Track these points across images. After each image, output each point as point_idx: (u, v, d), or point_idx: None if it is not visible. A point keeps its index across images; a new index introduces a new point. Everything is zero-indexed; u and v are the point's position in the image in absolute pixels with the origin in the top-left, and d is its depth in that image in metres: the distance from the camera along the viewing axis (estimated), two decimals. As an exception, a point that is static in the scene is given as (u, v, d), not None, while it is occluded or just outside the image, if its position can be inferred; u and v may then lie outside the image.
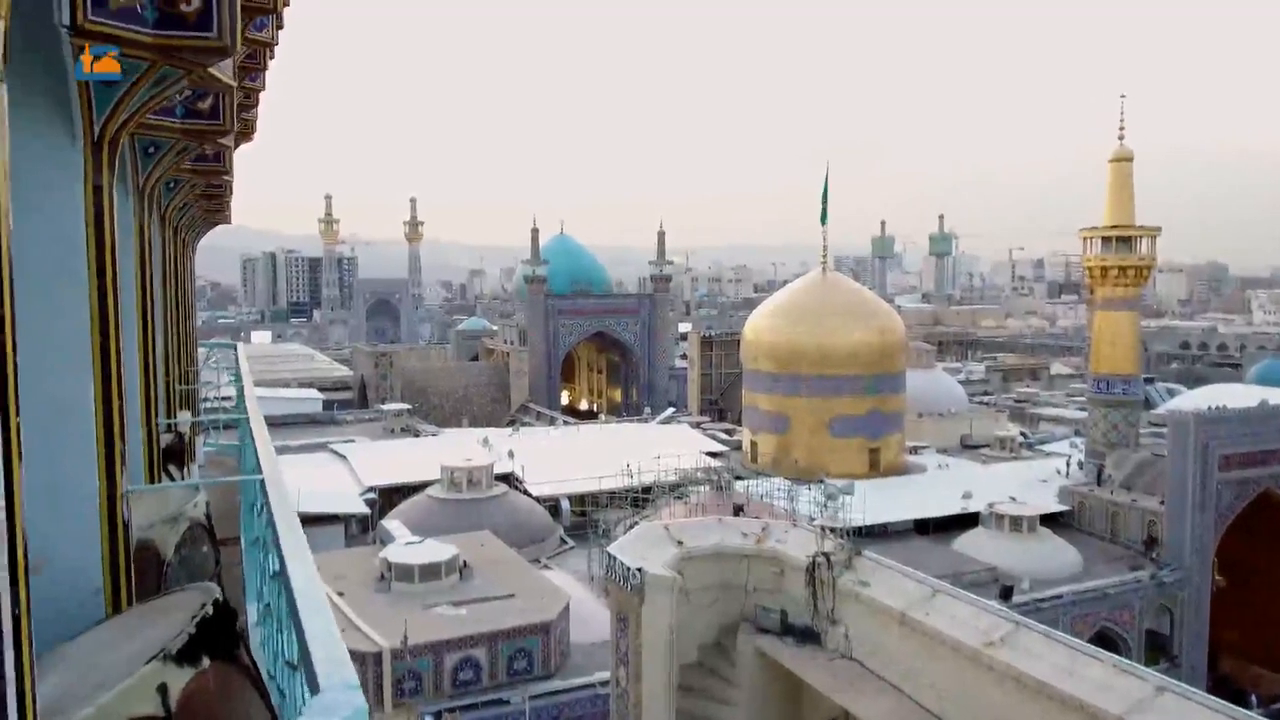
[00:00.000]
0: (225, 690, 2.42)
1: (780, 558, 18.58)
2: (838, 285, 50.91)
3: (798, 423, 46.57)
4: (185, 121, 4.17)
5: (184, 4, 2.82)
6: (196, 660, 2.35)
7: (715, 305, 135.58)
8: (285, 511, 3.00)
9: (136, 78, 2.93)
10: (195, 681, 2.33)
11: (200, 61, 3.00)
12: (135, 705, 2.17)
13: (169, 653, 2.30)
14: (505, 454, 46.98)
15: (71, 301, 3.13)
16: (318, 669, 1.73)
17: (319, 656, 1.77)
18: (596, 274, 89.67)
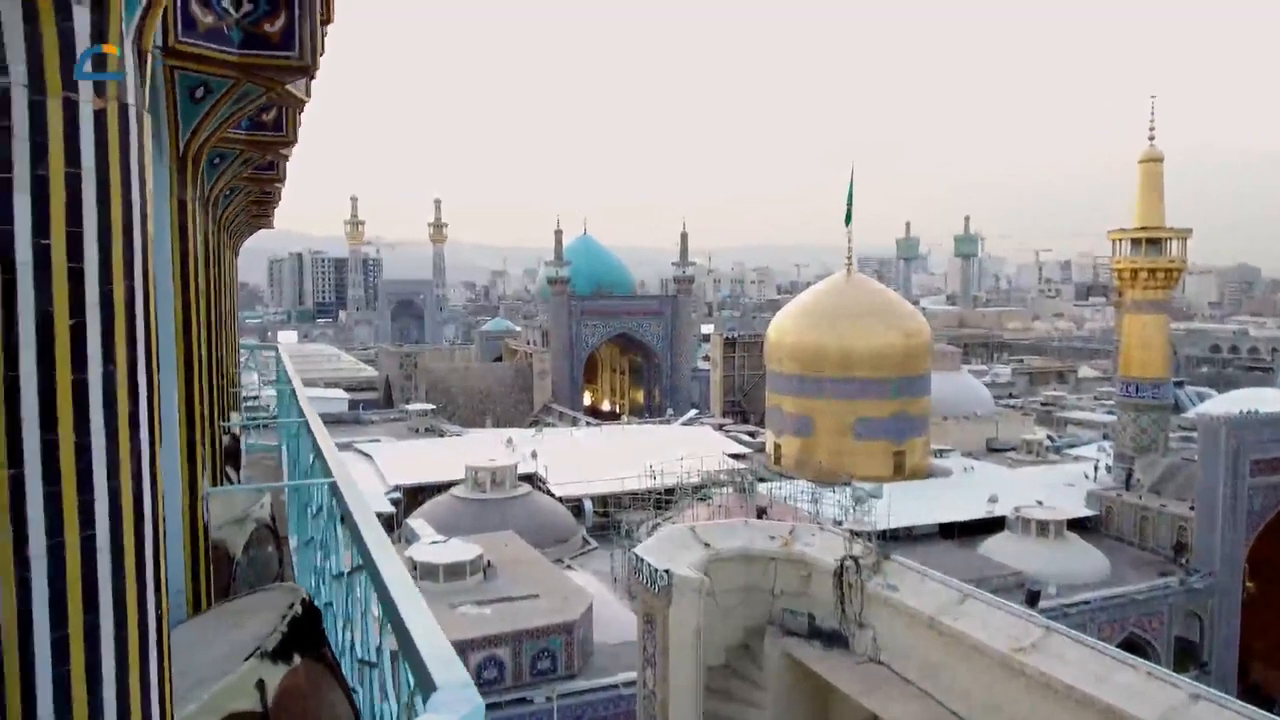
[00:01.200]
0: (314, 686, 2.52)
1: (807, 561, 18.56)
2: (862, 287, 50.68)
3: (821, 425, 46.42)
4: (250, 134, 4.30)
5: (267, 25, 2.92)
6: (289, 658, 2.45)
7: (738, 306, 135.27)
8: (364, 513, 3.10)
9: (220, 95, 3.04)
10: (289, 678, 2.43)
11: (282, 80, 3.11)
12: (236, 700, 2.27)
13: (265, 650, 2.40)
14: (528, 454, 47.16)
15: (162, 312, 3.24)
16: (430, 667, 1.81)
17: (429, 654, 1.85)
18: (619, 275, 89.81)
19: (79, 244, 1.44)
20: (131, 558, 1.53)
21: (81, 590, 1.47)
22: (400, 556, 10.92)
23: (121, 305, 1.51)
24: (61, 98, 1.42)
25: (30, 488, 1.41)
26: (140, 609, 1.55)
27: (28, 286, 1.40)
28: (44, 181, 1.41)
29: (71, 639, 1.45)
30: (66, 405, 1.44)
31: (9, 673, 1.41)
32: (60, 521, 1.44)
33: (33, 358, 1.41)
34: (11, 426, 1.40)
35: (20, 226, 1.39)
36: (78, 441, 1.45)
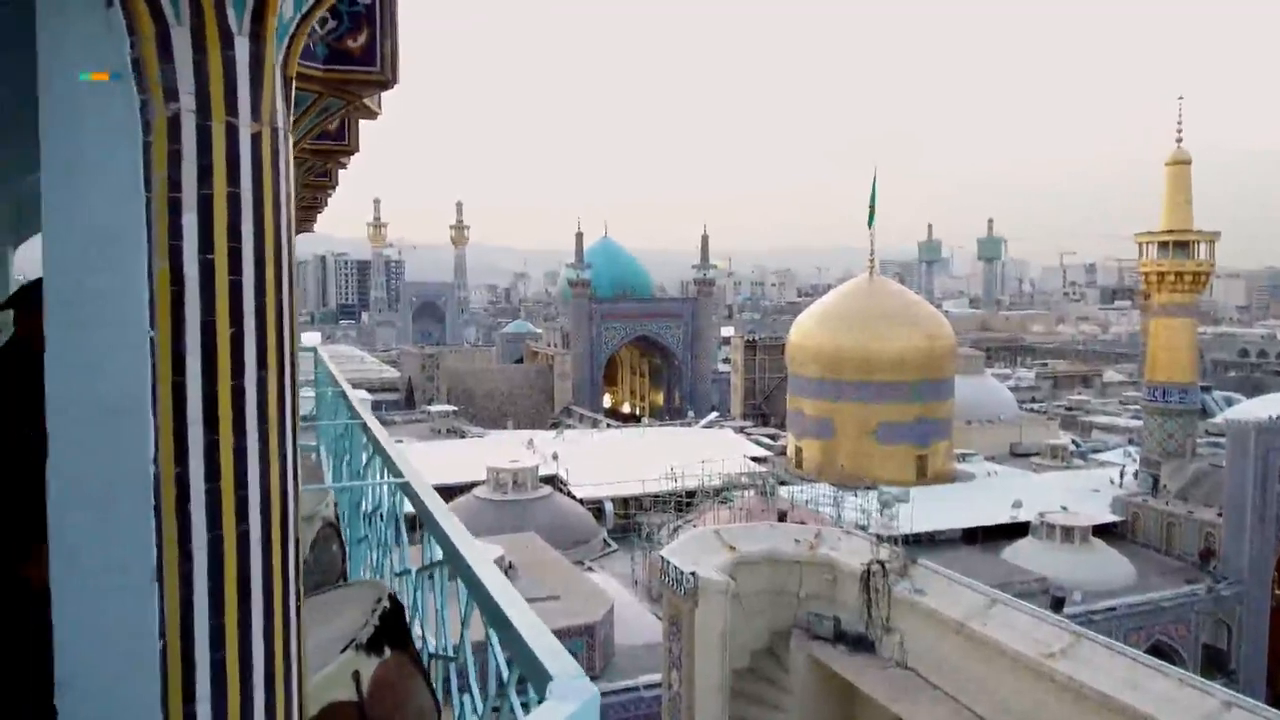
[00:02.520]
0: (402, 678, 2.63)
1: (833, 565, 18.59)
2: (885, 289, 50.54)
3: (843, 428, 46.32)
4: (315, 142, 4.43)
5: (350, 40, 3.04)
6: (380, 650, 2.56)
7: (758, 309, 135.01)
8: (443, 511, 3.21)
9: (305, 109, 3.16)
10: (381, 669, 2.53)
11: (362, 94, 3.23)
12: (334, 691, 2.37)
13: (359, 642, 2.51)
14: (549, 456, 47.32)
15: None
16: (542, 658, 1.90)
17: (538, 646, 1.94)
18: (639, 277, 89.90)
19: (238, 259, 1.55)
20: (278, 551, 1.64)
21: (236, 581, 1.57)
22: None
23: (272, 315, 1.61)
24: (224, 122, 1.53)
25: (194, 485, 1.52)
26: (284, 600, 1.66)
27: (194, 298, 1.51)
28: (209, 201, 1.52)
29: (227, 627, 1.56)
30: (226, 408, 1.55)
31: (171, 657, 1.52)
32: (219, 517, 1.55)
33: (198, 365, 1.52)
34: (178, 428, 1.51)
35: (188, 243, 1.50)
36: (235, 442, 1.56)
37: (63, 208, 1.51)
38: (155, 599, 1.50)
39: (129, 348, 1.48)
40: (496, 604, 2.24)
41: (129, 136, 1.47)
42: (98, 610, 1.53)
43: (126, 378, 1.48)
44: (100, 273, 1.49)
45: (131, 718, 1.53)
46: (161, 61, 1.47)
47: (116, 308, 1.48)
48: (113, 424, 1.50)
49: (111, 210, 1.48)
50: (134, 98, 1.47)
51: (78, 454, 1.52)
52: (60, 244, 1.52)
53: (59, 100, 1.50)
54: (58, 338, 1.53)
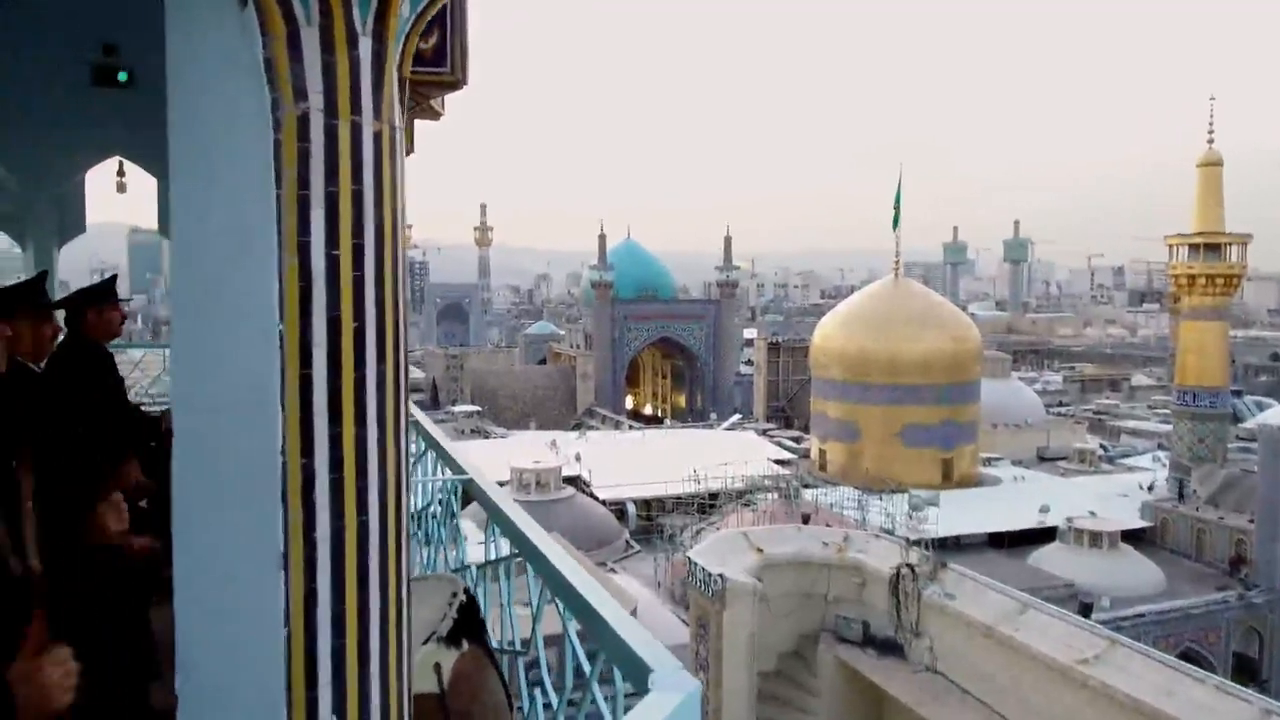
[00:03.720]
0: (479, 671, 2.66)
1: (862, 568, 18.51)
2: (910, 291, 50.26)
3: (868, 431, 46.10)
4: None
5: (422, 42, 3.07)
6: (459, 643, 2.59)
7: (781, 311, 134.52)
8: (513, 508, 3.24)
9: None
10: (459, 662, 2.56)
11: (431, 95, 3.27)
12: (418, 683, 2.40)
13: (440, 635, 2.54)
14: (572, 457, 47.40)
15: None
16: (639, 651, 1.92)
17: (635, 640, 1.96)
18: (662, 279, 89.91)
19: (361, 254, 1.58)
20: (394, 542, 1.67)
21: (356, 570, 1.60)
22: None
23: (390, 309, 1.65)
24: (350, 121, 1.56)
25: (319, 475, 1.56)
26: (398, 590, 1.69)
27: (320, 293, 1.55)
28: (334, 198, 1.55)
29: (347, 615, 1.59)
30: (349, 401, 1.58)
31: (295, 644, 1.55)
32: (341, 507, 1.58)
33: (323, 357, 1.55)
34: (304, 420, 1.54)
35: (316, 238, 1.54)
36: (357, 434, 1.59)
37: (194, 205, 1.55)
38: (281, 587, 1.53)
39: (260, 341, 1.52)
40: (584, 598, 2.26)
41: (260, 135, 1.51)
42: (223, 597, 1.56)
43: (257, 370, 1.52)
44: (232, 269, 1.53)
45: (254, 703, 1.56)
46: (292, 61, 1.51)
47: (248, 302, 1.52)
48: (243, 415, 1.53)
49: (244, 207, 1.52)
50: (265, 97, 1.51)
51: (206, 444, 1.56)
52: (191, 240, 1.56)
53: (191, 99, 1.54)
54: (187, 331, 1.57)
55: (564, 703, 2.64)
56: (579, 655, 2.37)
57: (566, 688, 2.59)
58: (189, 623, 1.60)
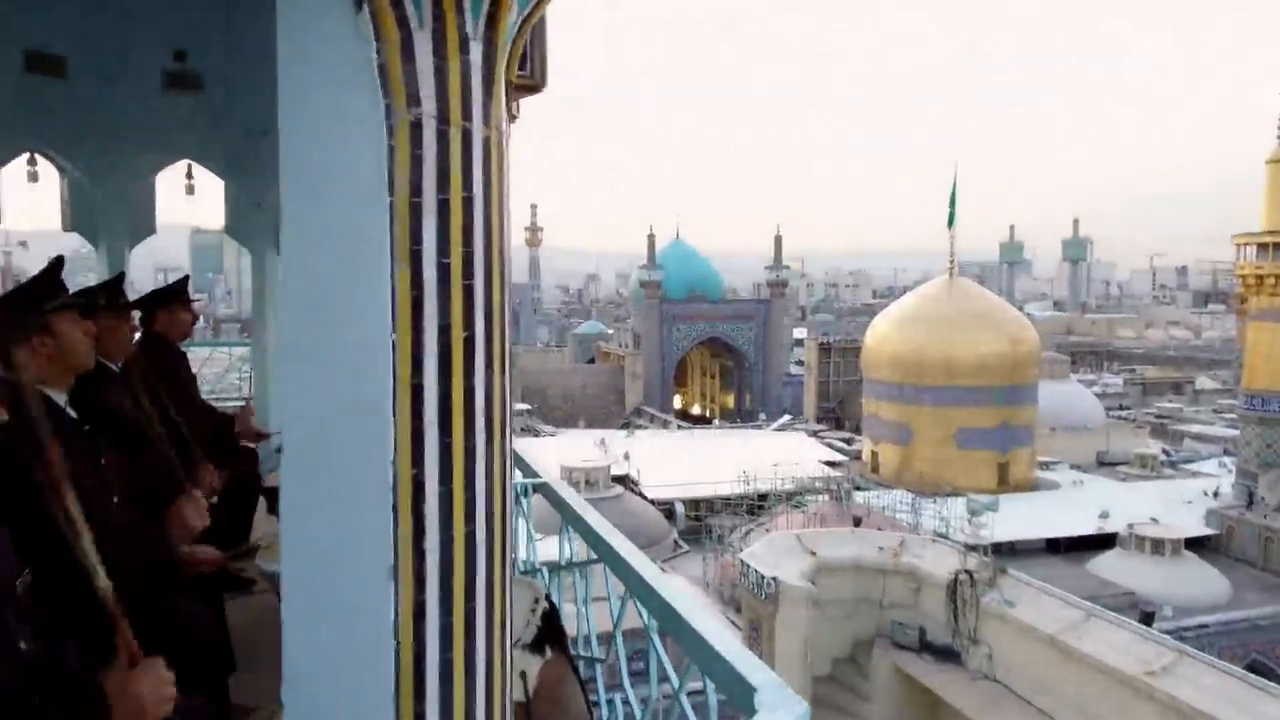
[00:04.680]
0: (561, 678, 2.64)
1: (918, 573, 18.22)
2: (966, 292, 49.40)
3: (921, 433, 45.41)
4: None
5: (504, 45, 3.07)
6: (542, 650, 2.57)
7: (832, 311, 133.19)
8: (590, 512, 3.22)
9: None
10: (544, 670, 2.55)
11: (514, 99, 3.27)
12: (505, 690, 2.39)
13: (524, 642, 2.53)
14: (621, 455, 47.44)
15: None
16: (740, 669, 1.87)
17: (735, 656, 1.92)
18: (711, 279, 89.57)
19: (471, 262, 1.56)
20: (499, 553, 1.65)
21: (464, 582, 1.58)
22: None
23: (499, 318, 1.62)
24: (461, 127, 1.54)
25: (428, 486, 1.54)
26: (502, 603, 1.67)
27: (432, 301, 1.53)
28: (446, 205, 1.53)
29: (454, 627, 1.57)
30: (459, 411, 1.56)
31: (404, 657, 1.54)
32: (450, 518, 1.56)
33: (434, 367, 1.53)
34: (415, 429, 1.53)
35: (427, 246, 1.52)
36: (465, 444, 1.57)
37: (306, 213, 1.54)
38: (391, 599, 1.52)
39: (372, 350, 1.50)
40: (674, 609, 2.22)
41: (374, 141, 1.49)
42: (332, 608, 1.55)
43: (369, 379, 1.51)
44: (344, 277, 1.52)
45: (362, 715, 1.55)
46: (405, 66, 1.49)
47: (360, 311, 1.51)
48: (355, 424, 1.52)
49: (356, 215, 1.50)
50: (379, 103, 1.49)
51: (318, 454, 1.55)
52: (303, 249, 1.55)
53: (303, 105, 1.53)
54: (298, 340, 1.57)
55: (649, 714, 2.60)
56: (665, 666, 2.32)
57: (653, 697, 2.55)
58: (297, 633, 1.59)
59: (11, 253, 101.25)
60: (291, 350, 1.57)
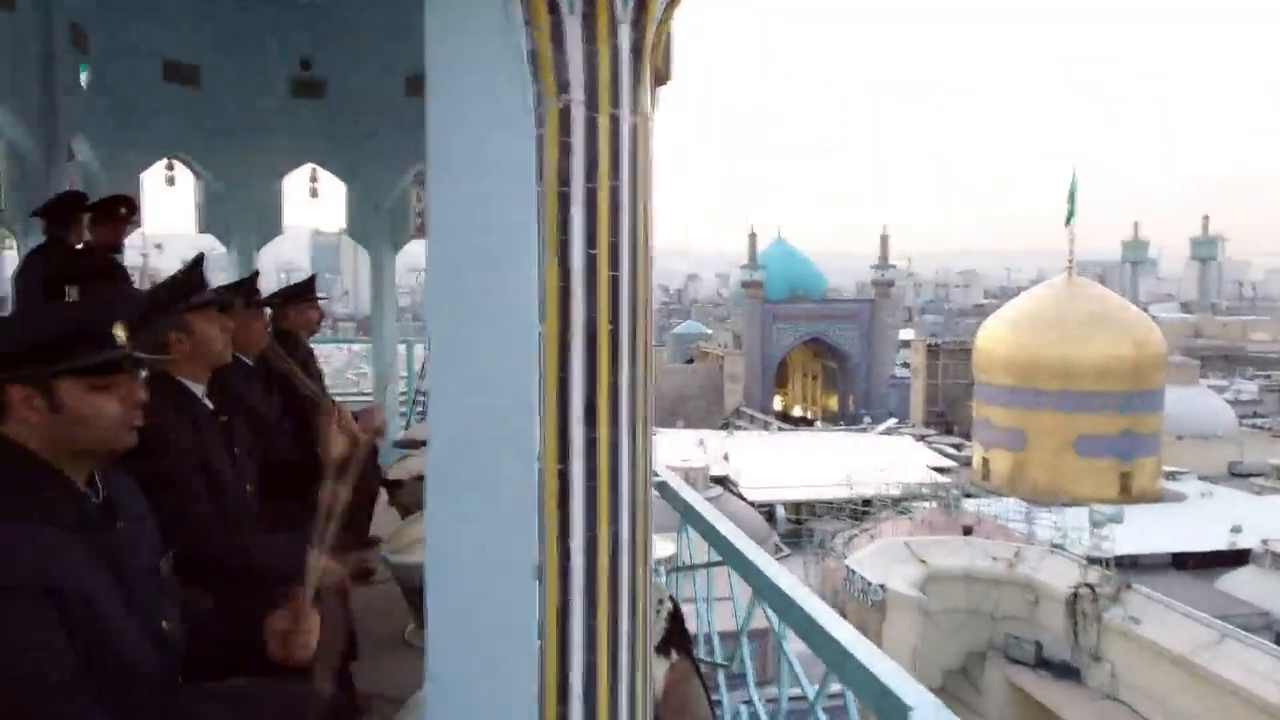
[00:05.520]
0: (688, 682, 2.59)
1: (1035, 585, 17.49)
2: (1085, 292, 47.18)
3: (1037, 440, 43.60)
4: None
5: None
6: (669, 653, 2.52)
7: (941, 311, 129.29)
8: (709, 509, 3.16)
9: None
10: (670, 673, 2.50)
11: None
12: (632, 692, 2.35)
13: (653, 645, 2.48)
14: (721, 456, 47.23)
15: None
16: (892, 685, 1.78)
17: (885, 672, 1.82)
18: (814, 279, 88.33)
19: (617, 254, 1.52)
20: (642, 553, 1.60)
21: (609, 583, 1.54)
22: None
23: (643, 311, 1.57)
24: (609, 114, 1.50)
25: (574, 483, 1.50)
26: (645, 605, 1.62)
27: (579, 293, 1.49)
28: (593, 195, 1.49)
29: (599, 629, 1.53)
30: (604, 406, 1.52)
31: (548, 658, 1.50)
32: (595, 516, 1.52)
33: (580, 360, 1.50)
34: (561, 424, 1.49)
35: (575, 237, 1.48)
36: (611, 440, 1.53)
37: (454, 204, 1.53)
38: (536, 597, 1.48)
39: (519, 343, 1.47)
40: (813, 618, 2.13)
41: (523, 130, 1.46)
42: (477, 607, 1.53)
43: (516, 373, 1.48)
44: (492, 269, 1.49)
45: (503, 716, 1.52)
46: (555, 52, 1.46)
47: (507, 303, 1.48)
48: (501, 419, 1.50)
49: (505, 205, 1.48)
50: (528, 90, 1.46)
51: (464, 448, 1.53)
52: (450, 240, 1.54)
53: (452, 94, 1.51)
54: (444, 333, 1.55)
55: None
56: (798, 673, 2.24)
57: (783, 707, 2.47)
58: (440, 630, 1.58)
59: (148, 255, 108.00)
60: (438, 344, 1.56)
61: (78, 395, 1.86)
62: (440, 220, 1.55)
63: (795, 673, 2.21)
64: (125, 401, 1.93)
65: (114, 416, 1.91)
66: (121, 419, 1.93)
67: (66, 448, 1.88)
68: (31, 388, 1.83)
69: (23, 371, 1.82)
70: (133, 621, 1.89)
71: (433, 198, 1.55)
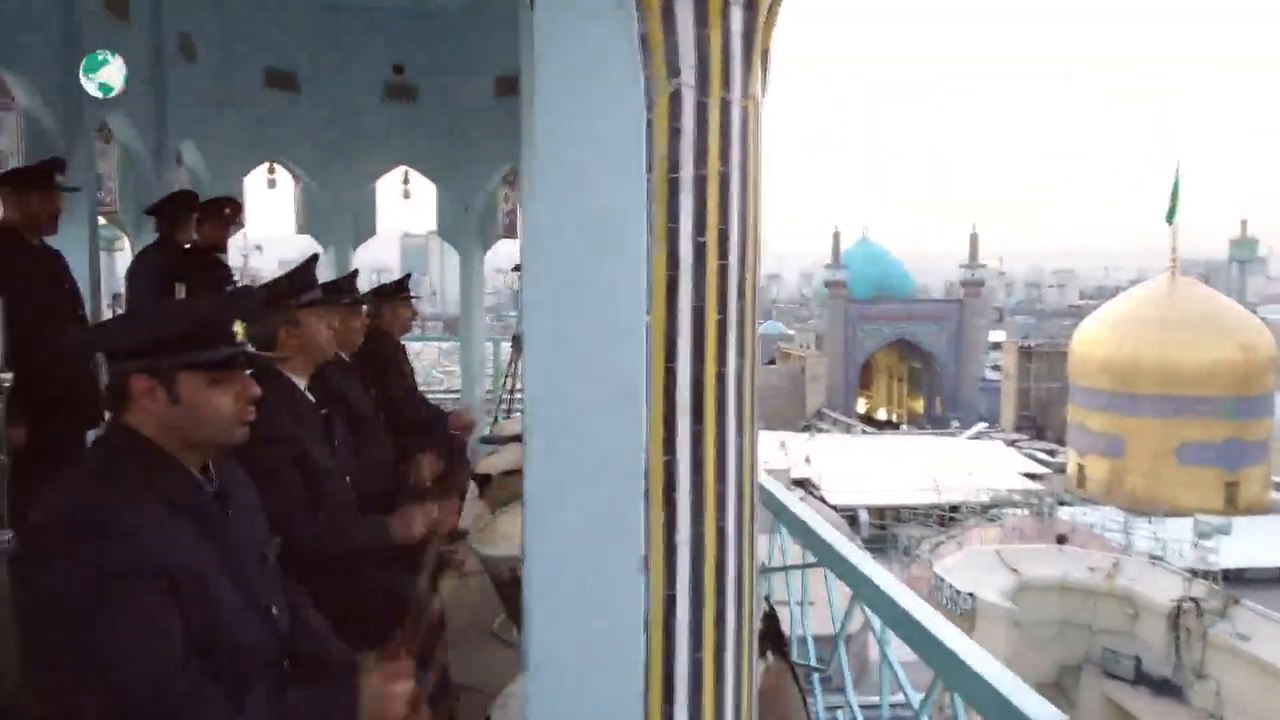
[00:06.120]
0: (783, 685, 2.53)
1: (1135, 598, 16.73)
2: (1189, 292, 45.02)
3: (1136, 447, 41.79)
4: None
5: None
6: (764, 654, 2.47)
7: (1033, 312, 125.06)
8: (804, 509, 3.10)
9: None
10: (766, 676, 2.45)
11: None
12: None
13: (747, 646, 2.44)
14: (802, 459, 46.65)
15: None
16: (1017, 702, 1.70)
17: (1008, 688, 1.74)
18: (900, 279, 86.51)
19: (726, 242, 1.48)
20: (748, 549, 1.56)
21: (714, 578, 1.50)
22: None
23: (750, 300, 1.54)
24: (720, 98, 1.46)
25: (680, 476, 1.47)
26: (751, 603, 1.58)
27: (686, 282, 1.46)
28: (703, 181, 1.46)
29: (705, 625, 1.50)
30: (711, 397, 1.49)
31: (653, 654, 1.47)
32: (702, 510, 1.49)
33: (688, 350, 1.46)
34: (668, 415, 1.46)
35: (684, 225, 1.45)
36: (717, 433, 1.49)
37: (561, 190, 1.51)
38: (642, 592, 1.46)
39: (626, 333, 1.45)
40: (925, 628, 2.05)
41: (633, 116, 1.44)
42: (581, 599, 1.51)
43: (622, 364, 1.45)
44: (600, 258, 1.47)
45: (608, 711, 1.50)
46: (666, 35, 1.43)
47: (614, 293, 1.46)
48: (606, 410, 1.47)
49: (614, 193, 1.45)
50: (639, 75, 1.44)
51: (567, 439, 1.51)
52: (557, 227, 1.52)
53: (560, 79, 1.50)
54: (547, 324, 1.54)
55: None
56: (900, 679, 2.16)
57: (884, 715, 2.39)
58: (542, 622, 1.57)
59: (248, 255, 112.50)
60: (539, 335, 1.55)
61: (197, 389, 1.93)
62: (546, 208, 1.54)
63: (898, 679, 2.13)
64: (240, 397, 2.00)
65: (228, 411, 1.98)
66: (235, 414, 1.99)
67: (182, 438, 1.95)
68: (155, 379, 1.90)
69: (148, 364, 1.89)
70: (243, 604, 1.94)
71: (538, 186, 1.54)
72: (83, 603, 1.68)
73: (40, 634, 1.74)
